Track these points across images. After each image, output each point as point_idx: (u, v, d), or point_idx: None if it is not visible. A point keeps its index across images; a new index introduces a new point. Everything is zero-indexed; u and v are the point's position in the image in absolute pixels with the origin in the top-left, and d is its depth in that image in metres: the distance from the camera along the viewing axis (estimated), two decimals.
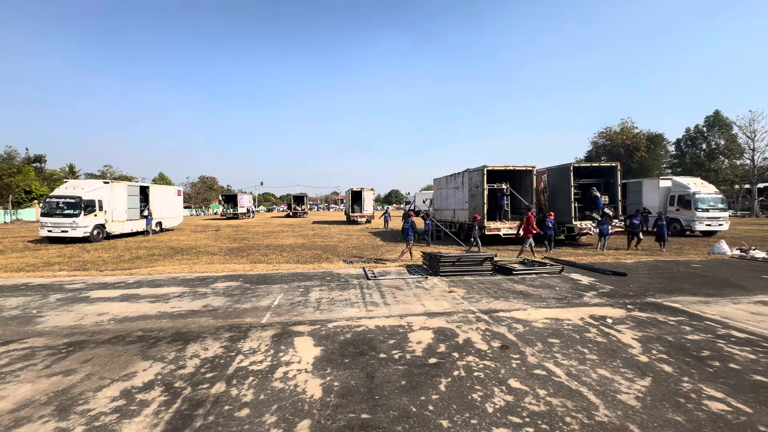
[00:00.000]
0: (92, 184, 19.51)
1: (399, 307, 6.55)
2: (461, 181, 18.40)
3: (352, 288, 8.00)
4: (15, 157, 45.50)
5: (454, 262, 9.33)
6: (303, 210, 53.90)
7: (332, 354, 4.46)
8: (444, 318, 5.87)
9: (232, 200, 48.62)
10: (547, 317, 5.88)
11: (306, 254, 13.68)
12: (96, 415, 3.17)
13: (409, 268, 10.47)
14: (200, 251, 14.81)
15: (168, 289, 8.00)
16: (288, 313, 6.15)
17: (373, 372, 3.97)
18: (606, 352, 4.51)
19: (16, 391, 3.61)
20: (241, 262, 11.95)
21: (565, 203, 15.69)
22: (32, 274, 9.90)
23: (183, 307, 6.54)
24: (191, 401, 3.39)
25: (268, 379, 3.81)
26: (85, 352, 4.56)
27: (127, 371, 4.03)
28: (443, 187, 21.46)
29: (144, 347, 4.71)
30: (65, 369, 4.09)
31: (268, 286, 8.24)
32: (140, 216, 22.17)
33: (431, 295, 7.42)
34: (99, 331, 5.37)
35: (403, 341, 4.88)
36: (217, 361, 4.28)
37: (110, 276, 9.58)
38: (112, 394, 3.53)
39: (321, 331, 5.27)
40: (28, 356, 4.45)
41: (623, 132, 51.74)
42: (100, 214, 18.87)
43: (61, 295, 7.47)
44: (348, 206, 36.71)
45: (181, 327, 5.50)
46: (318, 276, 9.35)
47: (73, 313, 6.22)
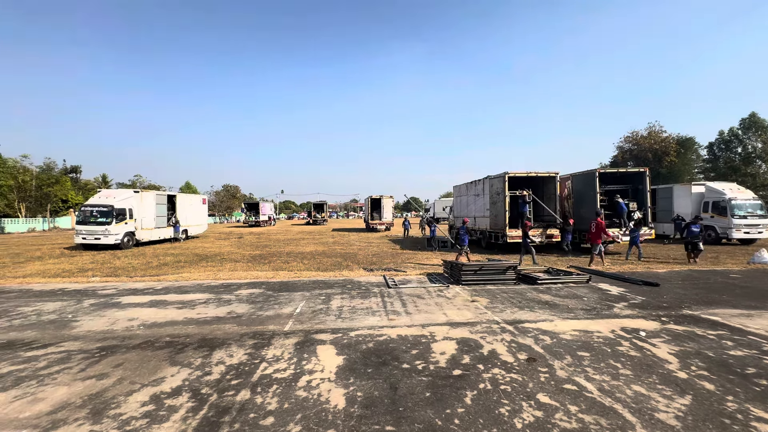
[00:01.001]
0: (123, 194, 20.37)
1: (421, 316, 6.47)
2: (482, 188, 18.18)
3: (373, 296, 7.97)
4: (53, 168, 48.04)
5: (476, 271, 9.17)
6: (323, 217, 54.48)
7: (355, 363, 4.44)
8: (467, 328, 5.76)
9: (254, 208, 49.70)
10: (576, 329, 5.68)
11: (326, 262, 13.77)
12: (127, 419, 3.25)
13: (430, 276, 10.36)
14: (224, 258, 15.15)
15: (194, 295, 8.20)
16: (310, 321, 6.18)
17: (396, 383, 3.91)
18: (640, 367, 4.29)
19: (54, 393, 3.75)
20: (264, 269, 12.14)
21: (591, 210, 15.22)
22: (68, 280, 10.36)
23: (208, 314, 6.68)
24: (217, 408, 3.43)
25: (292, 388, 3.82)
26: (116, 357, 4.70)
27: (156, 376, 4.13)
28: (463, 195, 21.26)
29: (172, 353, 4.82)
30: (98, 373, 4.23)
31: (290, 293, 8.32)
32: (167, 224, 22.96)
33: (453, 304, 7.30)
34: (129, 336, 5.54)
35: (426, 352, 4.80)
36: (242, 368, 4.33)
37: (139, 282, 9.91)
38: (143, 399, 3.62)
39: (343, 340, 5.26)
40: (64, 359, 4.63)
41: (651, 136, 49.96)
42: (131, 222, 19.65)
43: (95, 301, 7.77)
44: (367, 214, 36.86)
45: (207, 333, 5.61)
46: (339, 284, 9.38)
47: (105, 318, 6.45)
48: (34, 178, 42.73)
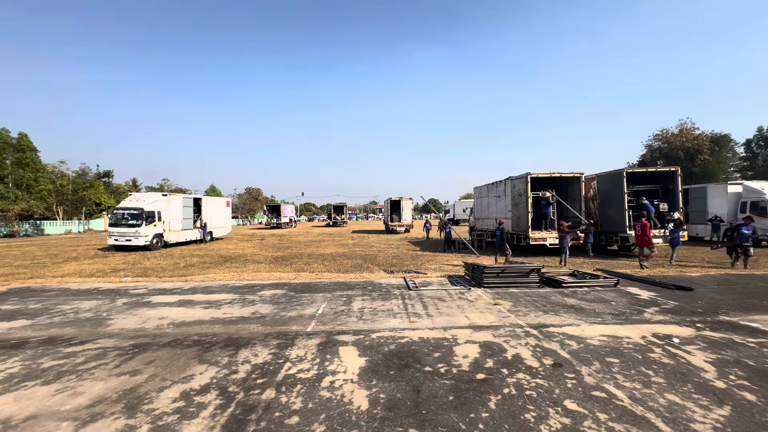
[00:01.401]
0: (152, 197, 21.17)
1: (442, 319, 6.43)
2: (503, 190, 17.90)
3: (394, 298, 7.97)
4: (88, 173, 50.52)
5: (499, 274, 9.03)
6: (342, 219, 54.91)
7: (377, 365, 4.45)
8: (490, 332, 5.68)
9: (275, 210, 50.62)
10: (604, 334, 5.50)
11: (347, 263, 13.87)
12: (159, 415, 3.38)
13: (451, 278, 10.28)
14: (247, 259, 15.50)
15: (219, 295, 8.43)
16: (332, 322, 6.24)
17: (419, 385, 3.90)
18: (674, 375, 4.12)
19: (92, 387, 3.93)
20: (286, 270, 12.34)
21: (618, 211, 14.73)
22: (102, 280, 10.85)
23: (233, 314, 6.85)
24: (244, 406, 3.51)
25: (316, 388, 3.87)
26: (148, 354, 4.89)
27: (186, 374, 4.27)
28: (484, 196, 20.98)
29: (200, 351, 4.97)
30: (132, 369, 4.41)
31: (312, 294, 8.43)
32: (193, 226, 23.70)
33: (475, 307, 7.21)
34: (160, 334, 5.75)
35: (449, 355, 4.76)
36: (267, 367, 4.42)
37: (168, 282, 10.27)
38: (173, 395, 3.75)
39: (365, 342, 5.28)
40: (100, 356, 4.85)
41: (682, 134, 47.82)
42: (159, 224, 20.39)
43: (127, 300, 8.10)
44: (387, 215, 36.91)
45: (233, 333, 5.75)
46: (360, 285, 9.43)
47: (137, 317, 6.72)
48: (71, 183, 45.04)
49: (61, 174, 45.40)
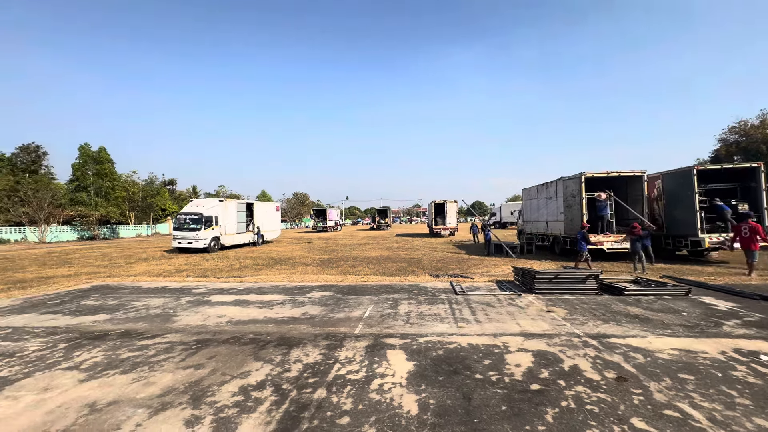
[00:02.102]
0: (210, 203, 22.72)
1: (492, 325, 6.22)
2: (554, 191, 17.03)
3: (441, 302, 7.86)
4: (155, 182, 55.43)
5: (552, 279, 8.58)
6: (386, 223, 55.26)
7: (425, 370, 4.41)
8: (544, 340, 5.40)
9: (321, 214, 52.19)
10: (675, 348, 5.01)
11: (392, 267, 13.92)
12: (221, 407, 3.59)
13: (500, 283, 9.93)
14: (296, 262, 16.09)
15: (271, 296, 8.82)
16: (379, 325, 6.28)
17: (469, 393, 3.80)
18: (763, 396, 3.65)
19: (162, 379, 4.28)
20: (332, 273, 12.64)
21: (687, 213, 13.41)
22: (168, 279, 11.81)
23: (285, 314, 7.13)
24: (297, 404, 3.63)
25: (365, 390, 3.91)
26: (210, 350, 5.23)
27: (243, 370, 4.50)
28: (533, 198, 20.10)
29: (255, 349, 5.23)
30: (196, 363, 4.74)
31: (358, 297, 8.55)
32: (246, 230, 25.07)
33: (527, 314, 6.91)
34: (219, 331, 6.13)
35: (500, 362, 4.60)
36: (318, 367, 4.54)
37: (225, 283, 10.93)
38: (233, 390, 3.97)
39: (412, 346, 5.26)
40: (168, 350, 5.26)
41: (765, 125, 42.64)
42: (216, 228, 21.82)
43: (190, 298, 8.74)
44: (431, 219, 36.57)
45: (285, 332, 5.98)
46: (405, 289, 9.41)
47: (199, 315, 7.22)
48: (141, 191, 49.64)
49: (133, 183, 50.25)
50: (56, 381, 4.26)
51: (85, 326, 6.53)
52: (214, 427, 3.24)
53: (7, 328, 6.52)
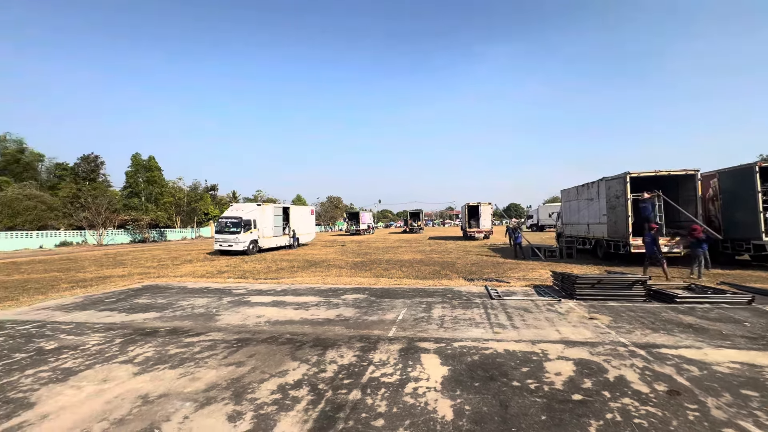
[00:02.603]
0: (249, 207, 23.67)
1: (529, 331, 6.02)
2: (596, 192, 16.23)
3: (475, 307, 7.71)
4: (198, 187, 58.59)
5: (594, 284, 8.17)
6: (419, 226, 55.04)
7: (460, 375, 4.34)
8: (586, 348, 5.15)
9: (354, 218, 52.78)
10: (736, 361, 4.61)
11: (425, 270, 13.83)
12: (261, 404, 3.72)
13: (538, 288, 9.59)
14: (330, 264, 16.39)
15: (307, 298, 9.04)
16: (412, 329, 6.26)
17: (506, 401, 3.70)
18: None
19: (206, 374, 4.51)
20: (365, 275, 12.76)
21: (749, 214, 12.30)
22: (210, 280, 12.42)
23: (320, 316, 7.28)
24: (333, 404, 3.70)
25: (399, 393, 3.91)
26: (249, 348, 5.44)
27: (281, 369, 4.65)
28: (573, 199, 19.26)
29: (292, 349, 5.38)
30: (237, 361, 4.95)
31: (392, 300, 8.57)
32: (283, 233, 25.87)
33: (567, 320, 6.62)
34: (258, 331, 6.36)
35: (539, 370, 4.44)
36: (352, 369, 4.60)
37: (263, 284, 11.33)
38: (271, 388, 4.11)
39: (447, 350, 5.19)
40: (212, 347, 5.54)
41: None
42: (255, 232, 22.68)
43: (231, 299, 9.14)
44: (464, 221, 36.01)
45: (320, 333, 6.11)
46: (439, 292, 9.32)
47: (239, 314, 7.53)
48: (186, 196, 52.65)
49: (179, 189, 53.39)
50: (113, 373, 4.61)
51: (138, 323, 7.01)
52: (254, 423, 3.36)
53: (72, 323, 7.13)
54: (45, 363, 5.01)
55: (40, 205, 36.79)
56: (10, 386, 4.29)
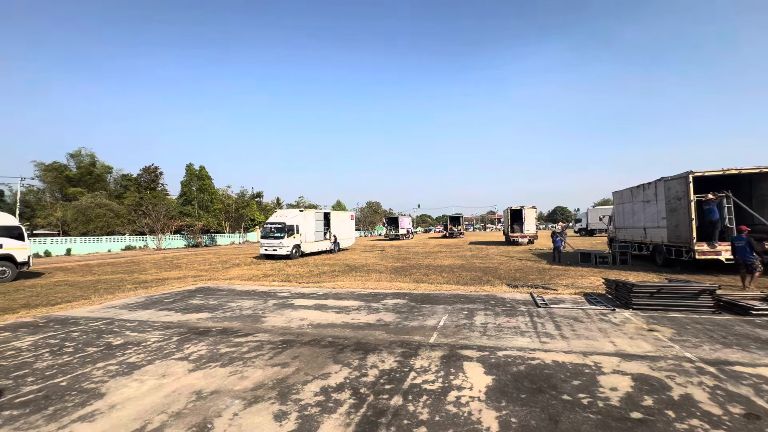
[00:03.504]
0: (292, 212, 24.53)
1: (580, 342, 5.67)
2: (653, 193, 15.07)
3: (520, 315, 7.41)
4: (245, 195, 61.62)
5: (653, 293, 7.55)
6: (459, 230, 54.11)
7: (505, 386, 4.17)
8: (646, 363, 4.76)
9: (393, 223, 52.95)
10: None
11: (466, 276, 13.53)
12: (305, 405, 3.81)
13: (588, 296, 9.04)
14: (370, 269, 16.52)
15: (348, 302, 9.16)
16: (454, 336, 6.13)
17: (556, 415, 3.50)
18: None
19: (254, 374, 4.69)
20: (405, 280, 12.71)
21: None
22: (257, 283, 12.97)
23: (361, 320, 7.35)
24: (374, 409, 3.70)
25: (441, 401, 3.83)
26: (293, 350, 5.60)
27: (323, 371, 4.73)
28: (627, 201, 18.02)
29: (334, 352, 5.46)
30: (282, 362, 5.11)
31: (432, 306, 8.46)
32: (324, 238, 26.50)
33: (623, 331, 6.17)
34: (301, 333, 6.53)
35: (592, 384, 4.16)
36: (393, 374, 4.58)
37: (306, 288, 11.65)
38: (314, 389, 4.19)
39: (490, 359, 5.02)
40: (258, 347, 5.76)
41: None
42: (297, 237, 23.44)
43: (275, 301, 9.48)
44: (507, 226, 34.85)
45: (361, 338, 6.16)
46: (481, 299, 9.07)
47: (284, 317, 7.78)
48: (234, 203, 55.60)
49: (228, 196, 56.50)
50: (171, 369, 4.93)
51: (192, 322, 7.46)
52: (299, 424, 3.44)
53: (135, 321, 7.74)
54: (113, 357, 5.47)
55: (109, 212, 40.47)
56: (84, 377, 4.73)
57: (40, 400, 4.10)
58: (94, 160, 50.65)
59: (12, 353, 5.76)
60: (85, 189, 45.60)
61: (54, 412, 3.80)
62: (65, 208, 40.58)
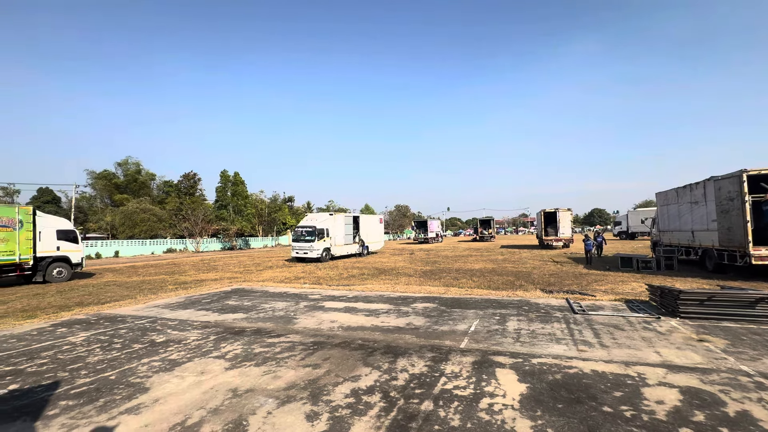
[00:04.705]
0: (322, 216, 24.95)
1: (621, 351, 5.38)
2: (702, 193, 14.10)
3: (556, 321, 7.13)
4: (277, 199, 63.42)
5: (704, 301, 7.04)
6: (490, 234, 52.97)
7: (541, 394, 4.02)
8: (696, 375, 4.44)
9: (422, 226, 52.57)
10: None
11: (497, 280, 13.21)
12: (335, 407, 3.84)
13: (630, 303, 8.56)
14: (399, 272, 16.49)
15: (377, 305, 9.18)
16: (486, 341, 5.99)
17: (596, 427, 3.33)
18: None
19: (286, 374, 4.80)
20: (435, 284, 12.58)
21: None
22: (288, 285, 13.28)
23: (390, 323, 7.34)
24: (405, 413, 3.67)
25: (473, 408, 3.75)
26: (324, 352, 5.68)
27: (354, 373, 4.76)
28: (672, 203, 16.96)
29: (364, 355, 5.49)
30: (313, 363, 5.19)
31: (463, 310, 8.31)
32: (353, 241, 26.76)
33: (669, 341, 5.79)
34: (332, 335, 6.61)
35: (635, 396, 3.93)
36: (423, 379, 4.53)
37: (335, 290, 11.80)
38: (345, 391, 4.22)
39: (524, 366, 4.86)
40: (291, 348, 5.89)
41: None
42: (327, 240, 23.80)
43: (307, 303, 9.66)
44: (540, 229, 33.71)
45: (391, 341, 6.15)
46: (513, 304, 8.82)
47: (314, 319, 7.92)
48: (266, 207, 57.34)
49: (261, 200, 58.38)
50: (209, 367, 5.13)
51: (228, 322, 7.75)
52: (330, 425, 3.48)
53: (176, 320, 8.14)
54: (156, 354, 5.77)
55: (152, 217, 42.89)
56: (131, 372, 5.02)
57: (92, 392, 4.39)
58: (139, 168, 53.92)
59: (68, 347, 6.22)
60: (130, 195, 48.62)
61: (104, 404, 4.06)
62: (114, 213, 43.45)
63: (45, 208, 41.17)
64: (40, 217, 15.64)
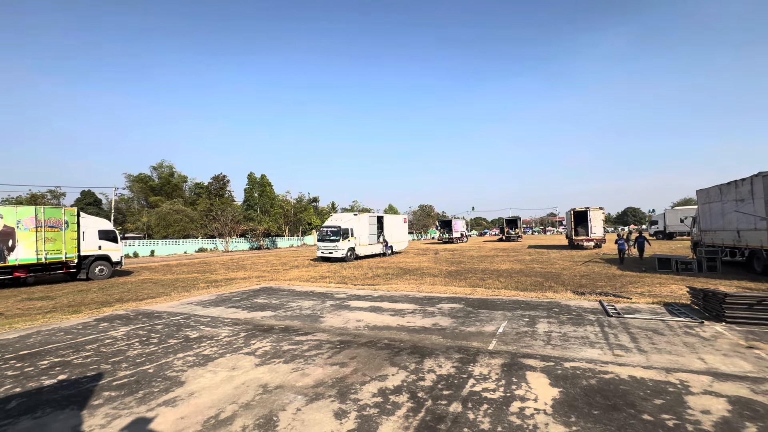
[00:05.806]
0: (346, 216, 25.16)
1: (661, 357, 5.11)
2: (749, 190, 13.19)
3: (588, 324, 6.87)
4: (303, 200, 64.53)
5: (753, 305, 6.58)
6: (516, 234, 51.85)
7: (574, 400, 3.87)
8: (746, 384, 4.15)
9: (447, 226, 52.09)
10: None
11: (525, 281, 12.88)
12: (363, 406, 3.85)
13: (669, 307, 8.13)
14: (424, 273, 16.38)
15: (402, 305, 9.16)
16: (515, 343, 5.84)
17: None
18: None
19: (314, 371, 4.86)
20: (461, 284, 12.41)
21: None
22: (315, 284, 13.47)
23: (416, 323, 7.30)
24: (433, 414, 3.63)
25: (504, 411, 3.66)
26: (351, 350, 5.71)
27: (381, 373, 4.76)
28: (715, 201, 15.97)
29: (390, 354, 5.48)
30: (340, 361, 5.23)
31: (490, 311, 8.15)
32: (377, 241, 26.84)
33: (714, 347, 5.45)
34: (358, 334, 6.65)
35: (677, 405, 3.71)
36: (451, 380, 4.47)
37: (361, 290, 11.86)
38: (372, 390, 4.23)
39: (556, 370, 4.71)
40: (318, 346, 5.96)
41: None
42: (352, 240, 23.99)
43: (332, 302, 9.76)
44: (570, 229, 32.60)
45: (417, 341, 6.11)
46: (543, 306, 8.56)
47: (341, 318, 7.98)
48: (293, 208, 58.46)
49: (287, 201, 59.59)
50: (240, 363, 5.28)
51: (257, 320, 7.94)
52: (358, 423, 3.49)
53: (208, 317, 8.42)
54: (190, 349, 5.99)
55: (185, 218, 44.68)
56: (167, 366, 5.23)
57: (132, 384, 4.61)
58: (172, 170, 56.26)
59: (110, 341, 6.56)
60: (164, 197, 50.81)
61: (143, 396, 4.25)
62: (149, 214, 45.59)
63: (87, 209, 43.79)
64: (83, 218, 16.62)
